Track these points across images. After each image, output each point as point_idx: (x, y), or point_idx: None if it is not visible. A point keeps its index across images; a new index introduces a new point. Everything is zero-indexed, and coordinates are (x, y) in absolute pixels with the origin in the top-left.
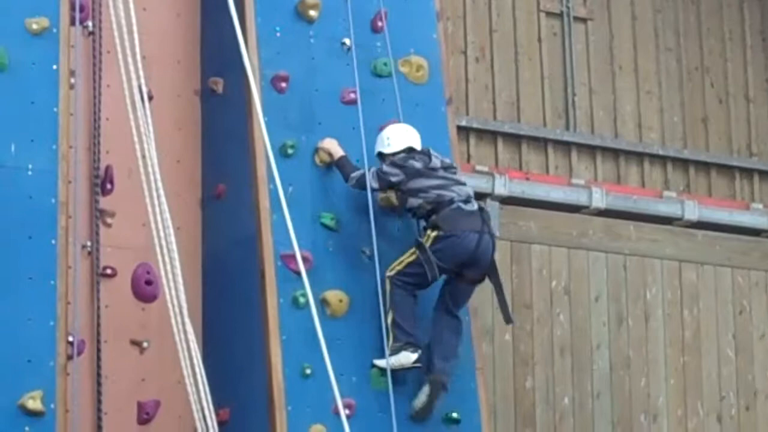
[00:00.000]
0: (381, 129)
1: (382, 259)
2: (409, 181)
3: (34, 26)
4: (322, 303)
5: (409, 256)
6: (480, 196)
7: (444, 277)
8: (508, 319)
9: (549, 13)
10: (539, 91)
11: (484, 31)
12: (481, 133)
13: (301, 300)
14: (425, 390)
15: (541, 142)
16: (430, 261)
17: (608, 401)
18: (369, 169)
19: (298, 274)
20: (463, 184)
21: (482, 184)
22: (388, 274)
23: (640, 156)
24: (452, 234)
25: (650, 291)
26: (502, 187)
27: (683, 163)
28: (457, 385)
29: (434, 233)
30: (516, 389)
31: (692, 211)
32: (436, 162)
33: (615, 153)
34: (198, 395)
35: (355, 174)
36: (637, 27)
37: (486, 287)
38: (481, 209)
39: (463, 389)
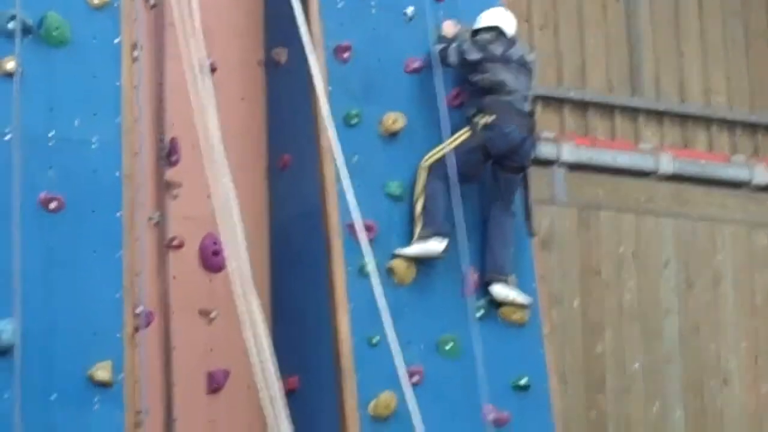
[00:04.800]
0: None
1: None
2: (486, 63)
3: (95, 0)
4: (389, 271)
5: (458, 138)
6: (546, 162)
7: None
8: (531, 232)
9: None
10: (604, 57)
11: None
12: (547, 100)
13: (368, 269)
14: None
15: (607, 108)
16: (481, 139)
17: (679, 366)
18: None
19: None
20: (529, 82)
21: (549, 151)
22: (425, 163)
23: (707, 121)
24: (499, 124)
25: (719, 256)
26: (568, 153)
27: (751, 127)
28: (525, 352)
29: (483, 119)
30: (586, 356)
31: (761, 175)
32: (514, 53)
33: (682, 118)
34: (262, 366)
35: (439, 46)
36: None
37: (552, 254)
38: (531, 113)
39: (531, 356)
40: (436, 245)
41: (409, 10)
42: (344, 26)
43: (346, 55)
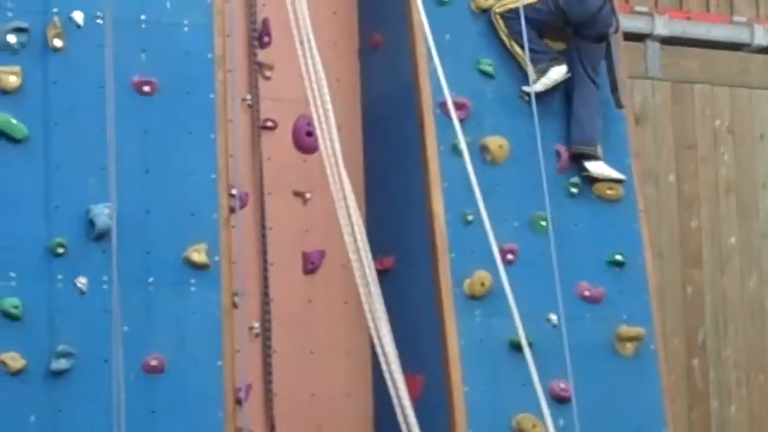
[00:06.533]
0: None
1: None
2: None
3: None
4: (482, 149)
5: None
6: (640, 36)
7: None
8: (618, 103)
9: None
10: None
11: None
12: None
13: (460, 147)
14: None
15: None
16: (559, 5)
17: None
18: None
19: (459, 120)
20: None
21: (642, 25)
22: (497, 10)
23: None
24: None
25: None
26: (662, 27)
27: None
28: (620, 227)
29: None
30: (681, 231)
31: None
32: None
33: None
34: (357, 246)
35: None
36: None
37: (646, 129)
38: None
39: (626, 232)
40: (558, 71)
41: None
42: None
43: None
